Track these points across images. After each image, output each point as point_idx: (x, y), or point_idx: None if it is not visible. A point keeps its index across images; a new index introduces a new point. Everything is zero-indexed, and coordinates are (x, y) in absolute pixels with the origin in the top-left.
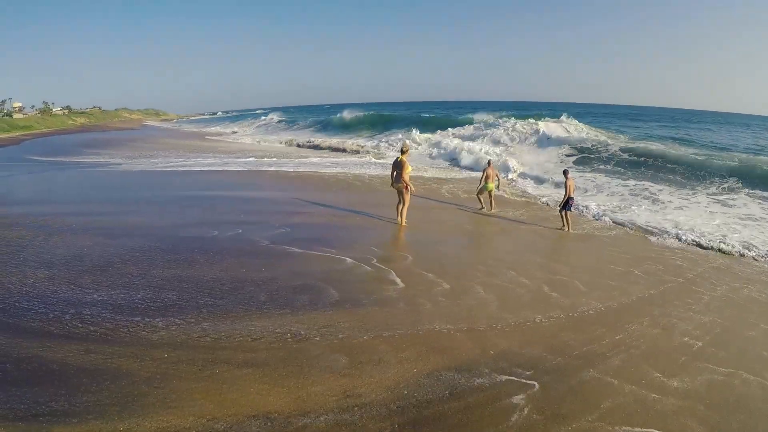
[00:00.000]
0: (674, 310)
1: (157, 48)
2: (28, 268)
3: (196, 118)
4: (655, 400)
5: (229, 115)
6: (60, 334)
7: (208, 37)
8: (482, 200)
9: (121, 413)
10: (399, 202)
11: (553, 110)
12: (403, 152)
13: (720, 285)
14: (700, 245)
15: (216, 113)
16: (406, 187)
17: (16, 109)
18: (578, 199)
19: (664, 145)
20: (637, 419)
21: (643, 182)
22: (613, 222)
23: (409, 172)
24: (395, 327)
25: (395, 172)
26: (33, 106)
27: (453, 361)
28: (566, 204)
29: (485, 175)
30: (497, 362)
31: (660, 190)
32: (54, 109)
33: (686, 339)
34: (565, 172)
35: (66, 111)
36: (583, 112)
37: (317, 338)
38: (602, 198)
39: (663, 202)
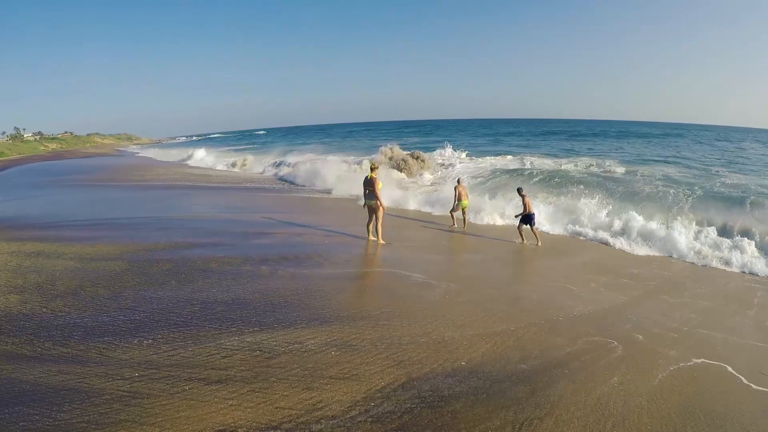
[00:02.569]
0: (668, 300)
1: (127, 72)
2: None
3: (169, 141)
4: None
5: (199, 139)
6: (32, 356)
7: (178, 62)
8: (455, 218)
9: (94, 430)
10: (369, 221)
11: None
12: (372, 169)
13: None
14: None
15: (191, 137)
16: (380, 204)
17: None
18: None
19: None
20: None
21: None
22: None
23: (380, 188)
24: (414, 336)
25: (367, 190)
26: (4, 132)
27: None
28: (528, 220)
29: (457, 193)
30: (581, 332)
31: None
32: (25, 135)
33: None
34: (519, 190)
35: (37, 137)
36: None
37: (287, 354)
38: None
39: None
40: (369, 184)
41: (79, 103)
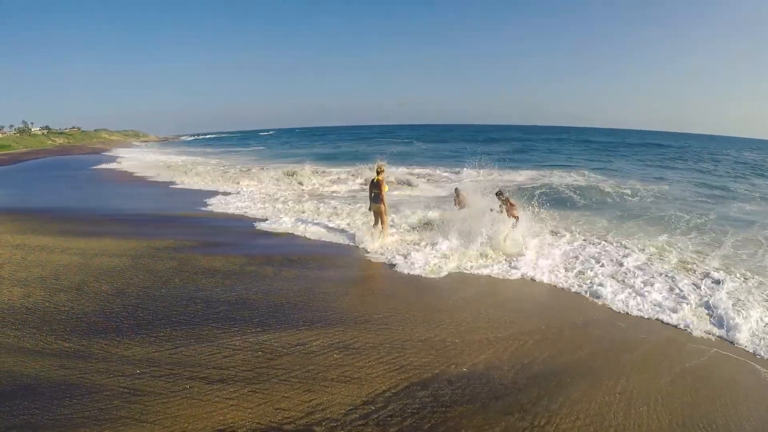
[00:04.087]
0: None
1: (137, 69)
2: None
3: (181, 139)
4: None
5: (195, 139)
6: (34, 350)
7: (186, 61)
8: None
9: (94, 426)
10: (375, 224)
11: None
12: (378, 172)
13: None
14: None
15: (197, 135)
16: (384, 207)
17: None
18: None
19: None
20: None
21: None
22: None
23: (386, 191)
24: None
25: (372, 193)
26: (12, 126)
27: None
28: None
29: (460, 201)
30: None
31: None
32: (33, 129)
33: None
34: (499, 194)
35: (45, 131)
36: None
37: (289, 355)
38: None
39: None
40: (375, 186)
41: (88, 99)
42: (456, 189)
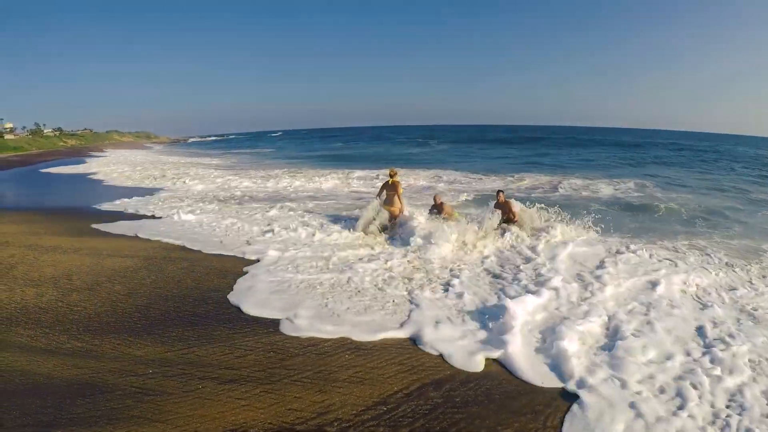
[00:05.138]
0: None
1: (145, 73)
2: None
3: (190, 141)
4: None
5: (213, 139)
6: (47, 349)
7: (200, 61)
8: None
9: (106, 426)
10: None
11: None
12: (392, 175)
13: None
14: None
15: (206, 137)
16: (400, 209)
17: (8, 129)
18: None
19: None
20: None
21: None
22: None
23: (401, 193)
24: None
25: (386, 195)
26: (24, 127)
27: None
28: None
29: (445, 210)
30: None
31: None
32: (45, 131)
33: None
34: (499, 193)
35: (57, 132)
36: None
37: (300, 356)
38: None
39: None
40: (391, 188)
41: (100, 100)
42: (435, 197)
